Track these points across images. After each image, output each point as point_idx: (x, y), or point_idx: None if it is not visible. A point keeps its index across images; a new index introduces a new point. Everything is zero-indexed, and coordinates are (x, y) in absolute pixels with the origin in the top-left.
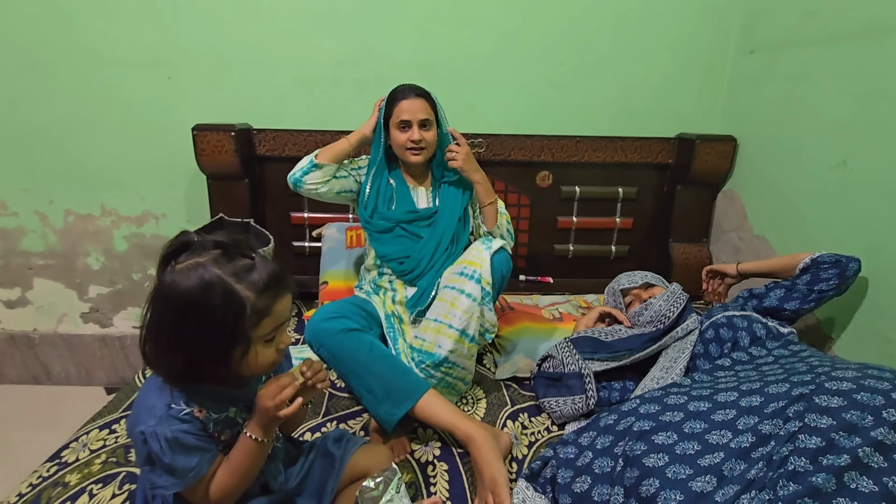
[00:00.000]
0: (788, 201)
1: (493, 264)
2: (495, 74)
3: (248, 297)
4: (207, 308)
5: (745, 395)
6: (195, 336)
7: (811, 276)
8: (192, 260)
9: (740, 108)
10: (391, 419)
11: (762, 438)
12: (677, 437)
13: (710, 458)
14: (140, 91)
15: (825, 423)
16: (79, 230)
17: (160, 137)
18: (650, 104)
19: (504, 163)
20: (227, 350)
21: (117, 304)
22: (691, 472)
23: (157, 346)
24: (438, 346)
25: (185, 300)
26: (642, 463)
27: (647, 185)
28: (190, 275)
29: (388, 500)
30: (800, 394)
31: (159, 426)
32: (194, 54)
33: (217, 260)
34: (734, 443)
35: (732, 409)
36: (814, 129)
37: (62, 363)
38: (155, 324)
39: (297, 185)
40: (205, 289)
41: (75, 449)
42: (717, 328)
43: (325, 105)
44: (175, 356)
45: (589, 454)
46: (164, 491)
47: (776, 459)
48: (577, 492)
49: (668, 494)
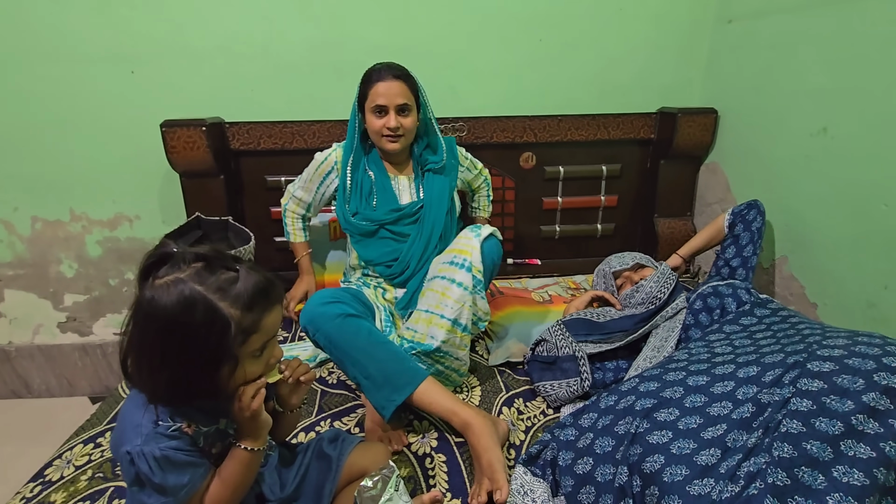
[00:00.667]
0: (771, 171)
1: (483, 252)
2: (474, 55)
3: (233, 314)
4: (190, 327)
5: (742, 367)
6: (178, 356)
7: (743, 224)
8: (172, 275)
9: (720, 79)
10: (390, 405)
11: (762, 407)
12: (679, 413)
13: (713, 430)
14: (102, 88)
15: (816, 386)
16: (48, 237)
17: (128, 136)
18: (631, 79)
19: (487, 145)
20: (214, 370)
21: (95, 312)
22: (695, 446)
23: (140, 366)
24: (431, 336)
25: (165, 319)
26: (646, 440)
27: (631, 161)
28: (170, 291)
29: (388, 499)
30: (794, 361)
31: (146, 445)
32: (157, 46)
33: (199, 274)
34: (735, 413)
35: (731, 381)
36: (794, 97)
37: (42, 375)
38: (136, 342)
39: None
40: (186, 307)
41: (59, 466)
42: (704, 298)
43: (300, 94)
44: (159, 377)
45: (590, 435)
46: None
47: (772, 426)
48: (579, 473)
49: (673, 470)
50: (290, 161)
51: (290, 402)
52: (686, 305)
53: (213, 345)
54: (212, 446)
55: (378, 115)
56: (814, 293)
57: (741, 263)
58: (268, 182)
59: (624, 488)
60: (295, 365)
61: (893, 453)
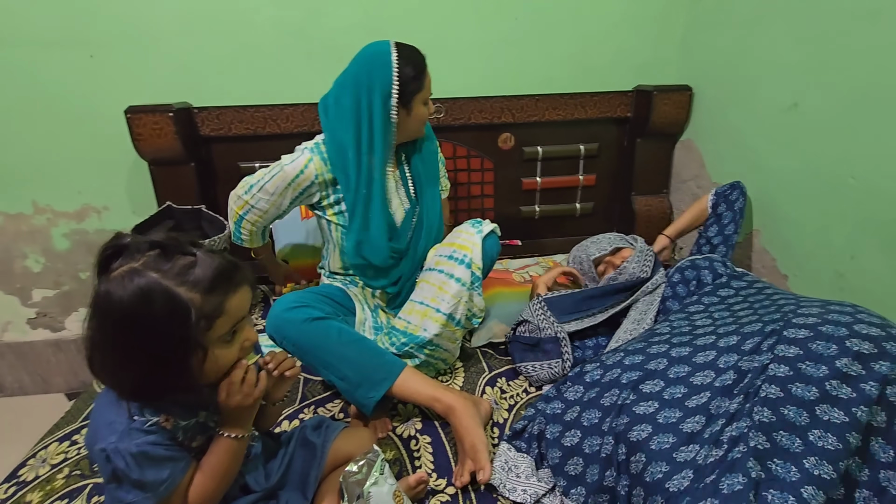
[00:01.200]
0: (744, 146)
1: (483, 249)
2: (449, 35)
3: (193, 299)
4: (149, 319)
5: (723, 337)
6: (143, 350)
7: (726, 204)
8: (126, 265)
9: (695, 56)
10: (369, 402)
11: (742, 374)
12: (664, 384)
13: (697, 398)
14: (60, 73)
15: (793, 352)
16: (10, 231)
17: (90, 123)
18: (607, 57)
19: (464, 127)
20: (182, 360)
21: (67, 307)
22: (680, 415)
23: (105, 363)
24: (424, 329)
25: (123, 312)
26: (632, 411)
27: (608, 140)
28: (125, 283)
29: (373, 482)
30: (771, 330)
31: (122, 442)
32: (116, 28)
33: (154, 262)
34: (718, 381)
35: (712, 351)
36: (766, 72)
37: (14, 374)
38: (99, 339)
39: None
40: (143, 297)
41: (33, 466)
42: (682, 271)
43: (270, 76)
44: (125, 373)
45: (577, 408)
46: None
47: (752, 391)
48: (567, 445)
49: (660, 438)
50: (263, 146)
51: (273, 396)
52: (665, 280)
53: (176, 334)
54: (192, 440)
55: (426, 104)
56: (784, 265)
57: (722, 241)
58: (241, 169)
59: (610, 458)
60: (281, 358)
61: (864, 418)
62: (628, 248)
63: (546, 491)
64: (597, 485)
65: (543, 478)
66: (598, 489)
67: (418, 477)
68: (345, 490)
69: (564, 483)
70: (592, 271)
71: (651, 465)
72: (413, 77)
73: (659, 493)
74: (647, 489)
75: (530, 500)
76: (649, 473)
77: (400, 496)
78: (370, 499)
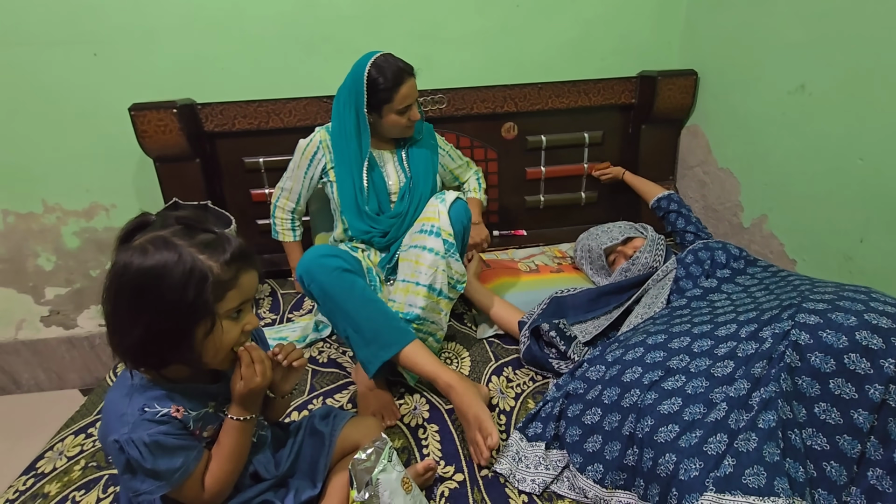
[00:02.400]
0: (750, 130)
1: (451, 216)
2: (449, 23)
3: (212, 266)
4: (168, 278)
5: (743, 313)
6: (154, 309)
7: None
8: (151, 234)
9: (699, 39)
10: (376, 361)
11: (762, 341)
12: (689, 359)
13: (722, 367)
14: (65, 72)
15: (813, 320)
16: (22, 230)
17: (95, 121)
18: (610, 43)
19: (467, 117)
20: (190, 325)
21: (79, 304)
22: (708, 385)
23: (115, 324)
24: (409, 304)
25: (142, 272)
26: (661, 387)
27: (612, 127)
28: (147, 248)
29: (381, 469)
30: (789, 303)
31: (134, 432)
32: (118, 25)
33: (178, 233)
34: (740, 350)
35: (733, 325)
36: (772, 54)
37: (30, 370)
38: (112, 302)
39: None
40: (165, 259)
41: (51, 458)
42: (694, 253)
43: (271, 70)
44: (133, 331)
45: (598, 387)
46: (150, 496)
47: (775, 357)
48: (587, 423)
49: (692, 409)
50: (267, 141)
51: (282, 388)
52: (675, 267)
53: (190, 295)
54: (202, 430)
55: (402, 113)
56: (793, 249)
57: (696, 230)
58: (246, 164)
59: (632, 435)
60: (289, 349)
61: (878, 397)
62: (640, 238)
63: (553, 478)
64: (617, 462)
65: (553, 460)
66: (618, 467)
67: (426, 464)
68: (354, 477)
69: (581, 460)
70: (603, 260)
71: (683, 436)
72: (383, 89)
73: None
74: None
75: (538, 489)
76: (684, 440)
77: (408, 483)
78: (378, 485)
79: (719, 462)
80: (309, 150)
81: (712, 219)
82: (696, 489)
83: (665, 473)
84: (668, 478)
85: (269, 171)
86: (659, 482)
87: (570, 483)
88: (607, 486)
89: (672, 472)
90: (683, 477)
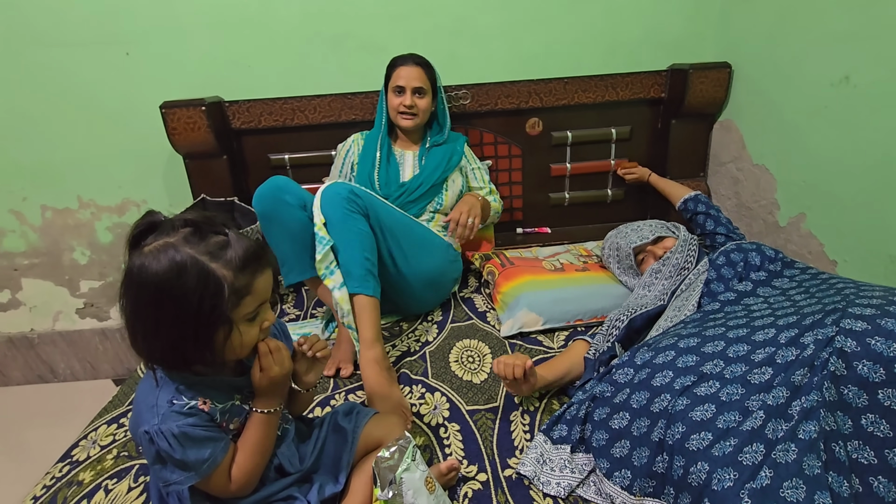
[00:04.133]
0: (789, 125)
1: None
2: (473, 17)
3: (226, 276)
4: (182, 291)
5: (782, 317)
6: (173, 321)
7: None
8: (161, 241)
9: (734, 30)
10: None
11: (803, 347)
12: (724, 363)
13: (759, 374)
14: (98, 71)
15: (860, 326)
16: (59, 225)
17: (127, 119)
18: (639, 36)
19: (491, 113)
20: (209, 334)
21: (111, 297)
22: (744, 392)
23: (136, 333)
24: None
25: (157, 284)
26: (694, 393)
27: (641, 122)
28: (160, 257)
29: (405, 468)
30: (833, 307)
31: (164, 423)
32: (149, 25)
33: (188, 239)
34: (779, 357)
35: (771, 329)
36: (813, 44)
37: (66, 360)
38: (131, 310)
39: None
40: (178, 271)
41: (85, 446)
42: (727, 254)
43: (297, 68)
44: (154, 342)
45: (626, 391)
46: (180, 486)
47: (818, 364)
48: (614, 428)
49: (727, 417)
50: (292, 138)
51: (306, 381)
52: (707, 268)
53: (207, 308)
54: (229, 422)
55: (397, 94)
56: (833, 250)
57: (727, 231)
58: (271, 161)
59: (662, 442)
60: (314, 340)
61: None
62: (671, 238)
63: (579, 481)
64: (645, 469)
65: (580, 463)
66: (647, 473)
67: (450, 464)
68: (377, 475)
69: (608, 465)
70: (631, 259)
71: (717, 444)
72: (389, 66)
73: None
74: (712, 464)
75: (563, 492)
76: (717, 449)
77: (431, 482)
78: (402, 484)
79: (755, 473)
80: (343, 147)
81: (746, 217)
82: (730, 500)
83: (697, 483)
84: (699, 487)
85: (294, 167)
86: (690, 491)
87: (597, 488)
88: (635, 493)
89: (704, 482)
90: (717, 487)
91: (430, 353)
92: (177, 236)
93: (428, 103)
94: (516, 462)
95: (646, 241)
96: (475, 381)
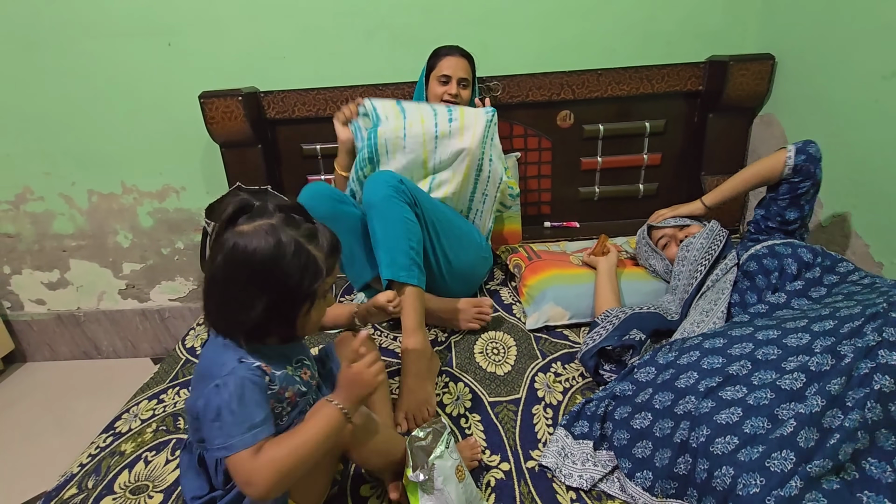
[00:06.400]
0: (834, 120)
1: None
2: (505, 8)
3: (320, 258)
4: (288, 269)
5: (816, 322)
6: (273, 294)
7: (812, 165)
8: (262, 221)
9: (778, 21)
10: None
11: (840, 357)
12: (752, 367)
13: (791, 380)
14: (142, 61)
15: None
16: (104, 209)
17: (168, 108)
18: (676, 26)
19: (522, 105)
20: (294, 310)
21: (151, 280)
22: (773, 397)
23: (223, 307)
24: None
25: (263, 262)
26: (719, 396)
27: (676, 115)
28: (266, 236)
29: (438, 455)
30: (874, 313)
31: (233, 374)
32: (191, 16)
33: (287, 222)
34: (813, 364)
35: (805, 335)
36: (863, 35)
37: (108, 338)
38: (221, 284)
39: None
40: (283, 250)
41: (127, 420)
42: (759, 259)
43: (331, 59)
44: (247, 316)
45: (649, 390)
46: (218, 452)
47: (857, 376)
48: (636, 428)
49: (754, 422)
50: (324, 129)
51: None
52: (736, 262)
53: (305, 285)
54: (285, 390)
55: (442, 83)
56: (879, 251)
57: (798, 216)
58: (304, 151)
59: (685, 443)
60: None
61: None
62: (696, 225)
63: (603, 475)
64: (667, 470)
65: (602, 460)
66: (669, 475)
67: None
68: (410, 453)
69: (629, 466)
70: (645, 236)
71: (743, 449)
72: (432, 56)
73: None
74: (738, 468)
75: (586, 484)
76: (744, 454)
77: (462, 472)
78: (434, 470)
79: (784, 481)
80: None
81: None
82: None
83: (721, 487)
84: (724, 492)
85: (325, 157)
86: (714, 495)
87: (621, 485)
88: (657, 494)
89: (729, 486)
90: (742, 492)
91: (455, 343)
92: (275, 219)
93: (469, 94)
94: (539, 454)
95: (666, 225)
96: (499, 372)
